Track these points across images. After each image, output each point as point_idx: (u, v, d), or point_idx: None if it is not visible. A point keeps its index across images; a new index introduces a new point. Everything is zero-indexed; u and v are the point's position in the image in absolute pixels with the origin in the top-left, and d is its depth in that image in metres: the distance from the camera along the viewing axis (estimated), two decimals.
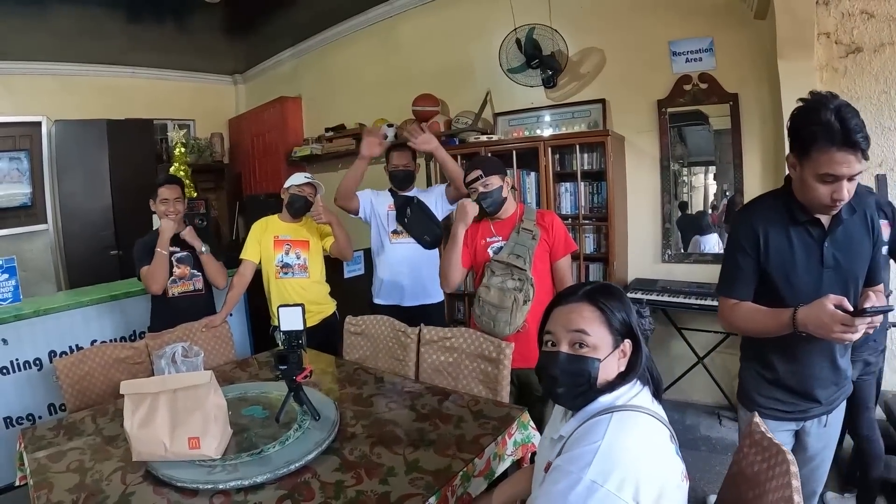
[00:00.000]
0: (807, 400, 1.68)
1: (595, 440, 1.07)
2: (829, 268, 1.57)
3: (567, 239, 2.44)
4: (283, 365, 1.86)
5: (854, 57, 2.97)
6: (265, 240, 3.04)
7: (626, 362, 1.22)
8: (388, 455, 1.67)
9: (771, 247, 1.60)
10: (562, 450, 1.15)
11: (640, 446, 1.07)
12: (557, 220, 2.45)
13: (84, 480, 1.59)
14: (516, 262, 2.30)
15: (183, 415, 1.65)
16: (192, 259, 3.04)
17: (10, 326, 2.99)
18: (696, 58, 3.51)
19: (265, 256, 3.03)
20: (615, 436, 1.07)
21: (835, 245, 1.56)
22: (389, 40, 5.24)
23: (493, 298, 2.34)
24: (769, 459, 1.23)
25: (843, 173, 1.41)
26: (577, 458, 1.07)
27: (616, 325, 1.20)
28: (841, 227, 1.56)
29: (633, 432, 1.09)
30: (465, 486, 1.59)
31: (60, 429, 1.98)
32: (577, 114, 3.99)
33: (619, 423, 1.10)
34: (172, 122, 6.53)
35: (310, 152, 5.74)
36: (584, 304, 1.22)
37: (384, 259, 3.19)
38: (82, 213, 5.71)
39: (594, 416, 1.14)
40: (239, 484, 1.50)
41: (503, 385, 2.22)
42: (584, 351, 1.19)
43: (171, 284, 2.99)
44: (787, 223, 1.59)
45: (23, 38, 4.96)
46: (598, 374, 1.18)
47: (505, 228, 2.44)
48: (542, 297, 2.36)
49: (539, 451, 1.40)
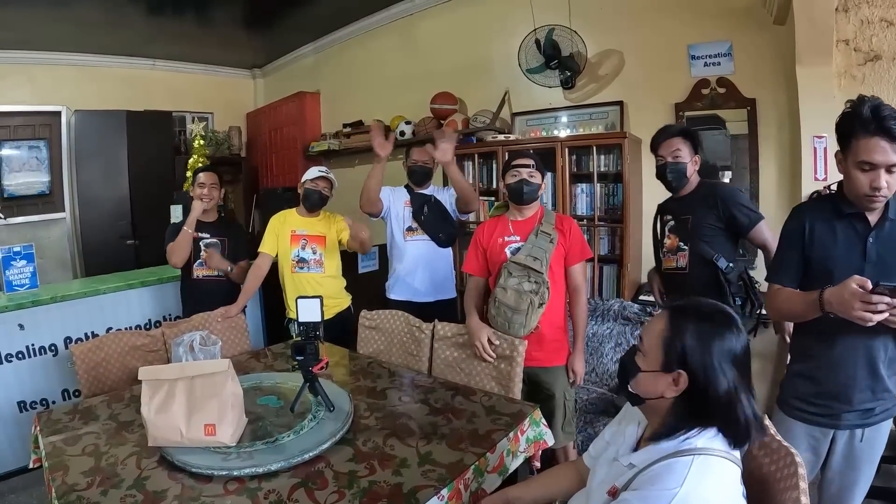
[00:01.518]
0: (838, 401, 1.68)
1: (673, 486, 1.02)
2: (871, 263, 1.60)
3: (583, 246, 2.43)
4: (299, 355, 1.88)
5: (873, 65, 2.94)
6: (282, 234, 3.06)
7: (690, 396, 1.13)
8: (401, 447, 1.68)
9: (816, 238, 1.70)
10: (632, 480, 1.12)
11: (717, 497, 1.04)
12: (576, 225, 2.46)
13: (99, 464, 1.61)
14: (533, 264, 2.29)
15: (200, 402, 1.66)
16: (220, 247, 3.17)
17: (28, 312, 3.06)
18: (715, 62, 3.49)
19: (282, 250, 3.05)
20: (694, 485, 1.02)
21: (880, 242, 1.60)
22: (409, 37, 5.25)
23: (509, 300, 2.32)
24: (777, 462, 1.22)
25: (879, 161, 1.49)
26: (652, 499, 1.04)
27: (672, 350, 1.13)
28: (890, 225, 1.60)
29: (713, 483, 1.04)
30: (478, 480, 1.60)
31: (76, 413, 2.00)
32: (594, 115, 3.98)
33: (700, 471, 1.04)
34: (191, 114, 6.61)
35: (327, 147, 5.78)
36: (665, 314, 1.19)
37: (398, 255, 3.21)
38: (100, 202, 5.81)
39: (673, 456, 1.09)
40: (253, 471, 1.51)
41: (516, 382, 2.24)
42: (636, 353, 1.20)
43: (198, 267, 3.15)
44: (833, 217, 1.68)
45: (45, 27, 5.02)
46: (635, 380, 1.18)
47: (523, 229, 2.43)
48: (557, 300, 2.38)
49: (596, 466, 1.35)
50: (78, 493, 1.45)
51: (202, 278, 3.16)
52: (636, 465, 1.15)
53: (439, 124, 4.72)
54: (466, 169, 4.25)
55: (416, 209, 3.14)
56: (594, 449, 1.45)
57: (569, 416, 2.41)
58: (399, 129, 4.96)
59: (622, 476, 1.17)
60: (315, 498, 1.42)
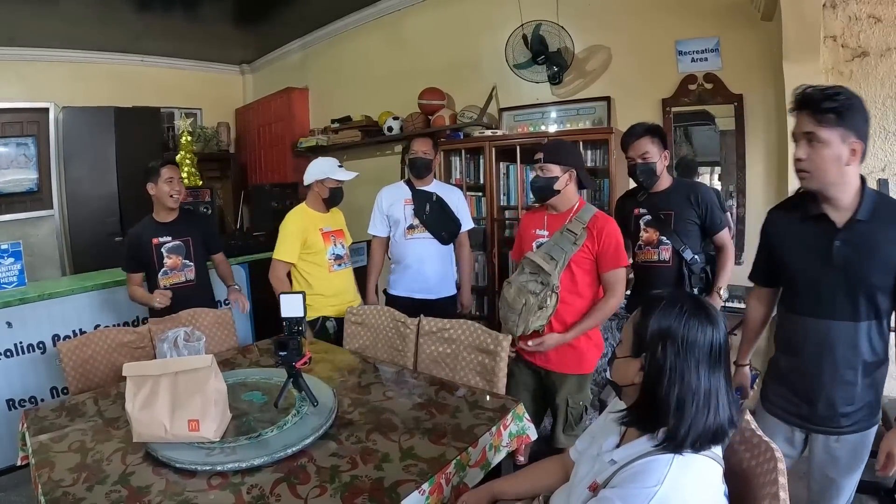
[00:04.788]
0: (808, 404, 1.67)
1: (652, 484, 1.02)
2: (836, 267, 1.56)
3: (617, 251, 2.21)
4: (282, 351, 1.88)
5: (860, 61, 2.96)
6: (312, 234, 2.93)
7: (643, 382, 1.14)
8: (384, 442, 1.69)
9: (783, 242, 1.73)
10: (612, 477, 1.12)
11: (698, 497, 1.04)
12: (610, 228, 2.22)
13: (85, 460, 1.61)
14: (546, 265, 2.19)
15: (183, 397, 1.67)
16: (184, 249, 2.98)
17: (15, 310, 3.04)
18: (702, 58, 3.50)
19: (315, 251, 2.93)
20: (674, 484, 1.02)
21: (848, 245, 1.55)
22: (397, 34, 5.25)
23: (508, 296, 2.26)
24: (758, 457, 1.23)
25: (797, 131, 1.53)
26: (631, 498, 1.04)
27: (641, 334, 1.14)
28: (861, 228, 1.53)
29: (693, 482, 1.05)
30: (460, 475, 1.61)
31: (63, 410, 2.00)
32: (581, 111, 3.99)
33: (680, 469, 1.04)
34: (180, 110, 6.55)
35: (315, 143, 5.75)
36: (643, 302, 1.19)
37: (400, 252, 3.20)
38: (88, 199, 5.75)
39: (654, 453, 1.09)
40: (236, 466, 1.52)
41: (500, 377, 2.23)
42: (617, 342, 1.21)
43: (163, 276, 2.94)
44: (800, 219, 1.66)
45: (34, 24, 4.98)
46: (613, 364, 1.21)
47: (555, 224, 2.31)
48: (578, 305, 2.26)
49: (581, 460, 1.35)
50: (64, 490, 1.45)
51: (169, 287, 2.91)
52: (617, 461, 1.15)
53: (427, 119, 4.72)
54: (454, 164, 4.25)
55: (418, 207, 3.12)
56: (581, 443, 1.44)
57: (570, 422, 2.32)
58: (387, 125, 4.97)
59: (604, 472, 1.17)
60: (297, 493, 1.42)
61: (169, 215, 2.97)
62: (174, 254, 2.96)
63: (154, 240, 2.92)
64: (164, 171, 2.88)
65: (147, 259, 2.92)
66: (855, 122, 1.47)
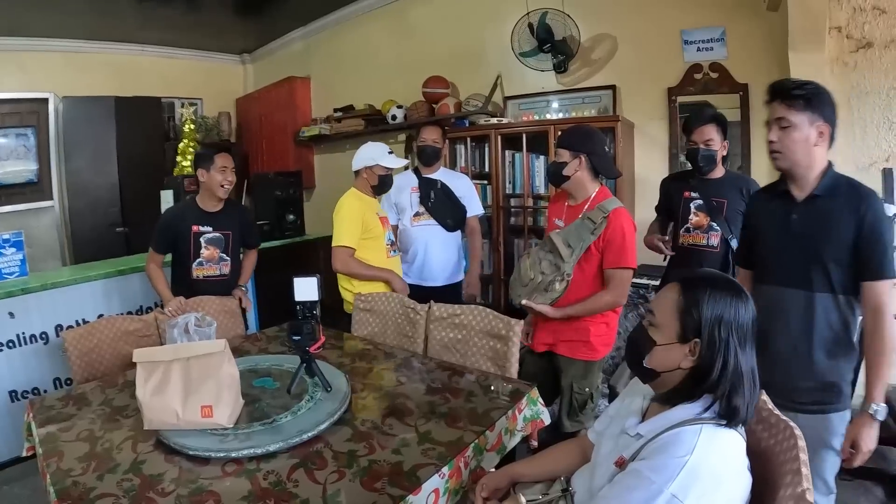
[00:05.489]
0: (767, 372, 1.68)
1: (683, 454, 1.04)
2: (792, 237, 1.71)
3: (622, 250, 2.14)
4: (296, 335, 1.86)
5: (864, 52, 2.97)
6: (372, 220, 2.83)
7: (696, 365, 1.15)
8: (400, 426, 1.68)
9: (756, 218, 1.91)
10: (640, 451, 1.14)
11: (726, 466, 1.06)
12: (622, 224, 2.15)
13: (94, 449, 1.58)
14: (563, 250, 2.17)
15: (196, 383, 1.65)
16: (223, 242, 2.90)
17: (18, 300, 3.00)
18: (708, 47, 3.50)
19: (374, 235, 2.83)
20: (704, 452, 1.04)
21: (805, 217, 1.70)
22: (401, 22, 5.23)
23: (523, 267, 2.32)
24: (776, 435, 1.24)
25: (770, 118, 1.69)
26: (661, 468, 1.05)
27: (689, 320, 1.15)
28: (818, 203, 1.68)
29: (721, 451, 1.07)
30: (477, 458, 1.60)
31: (69, 399, 1.96)
32: (587, 99, 3.98)
33: (709, 439, 1.07)
34: (180, 100, 6.53)
35: (318, 132, 5.76)
36: (675, 286, 1.20)
37: (406, 240, 3.21)
38: (89, 189, 5.75)
39: (681, 425, 1.11)
40: (252, 452, 1.50)
41: (512, 362, 2.23)
42: (649, 328, 1.21)
43: (197, 266, 2.87)
44: (772, 196, 1.83)
45: (33, 14, 4.95)
46: (651, 354, 1.20)
47: (573, 214, 2.27)
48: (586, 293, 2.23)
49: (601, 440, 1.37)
50: (73, 479, 1.42)
51: (203, 279, 2.87)
52: (644, 434, 1.17)
53: (431, 108, 4.72)
54: (459, 152, 4.25)
55: (424, 195, 3.13)
56: (599, 424, 1.47)
57: (574, 408, 2.33)
58: (391, 114, 4.96)
59: (630, 447, 1.19)
60: (315, 478, 1.41)
61: (215, 205, 2.91)
62: (213, 245, 2.89)
63: (195, 227, 2.84)
64: (218, 160, 2.82)
65: (183, 246, 2.85)
66: (822, 107, 1.62)
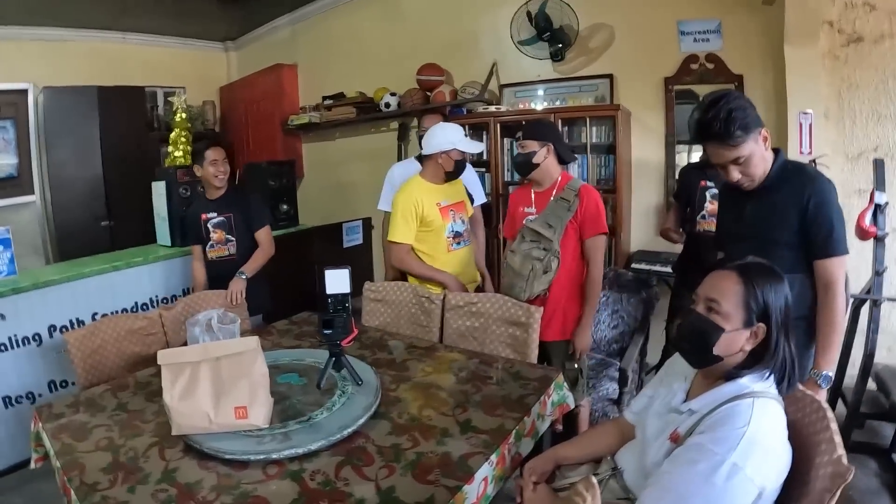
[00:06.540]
0: None
1: (741, 425, 1.12)
2: (745, 224, 1.85)
3: (597, 219, 2.39)
4: (328, 329, 1.81)
5: (855, 46, 3.07)
6: (429, 211, 2.66)
7: (759, 346, 1.25)
8: (439, 417, 1.68)
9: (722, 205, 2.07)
10: (696, 425, 1.21)
11: (777, 435, 1.16)
12: (594, 197, 2.41)
13: (118, 458, 1.49)
14: (546, 231, 2.34)
15: (227, 384, 1.58)
16: (227, 224, 3.16)
17: (8, 300, 2.87)
18: (704, 38, 3.59)
19: (432, 228, 2.69)
20: (759, 423, 1.13)
21: (757, 206, 1.82)
22: (393, 8, 5.18)
23: (515, 264, 2.41)
24: (804, 409, 1.32)
25: (720, 162, 1.76)
26: (723, 440, 1.12)
27: (753, 306, 1.23)
28: (768, 192, 1.78)
29: (772, 421, 1.16)
30: (517, 444, 1.63)
31: (78, 405, 1.85)
32: (583, 88, 4.03)
33: (762, 410, 1.16)
34: (162, 88, 6.38)
35: (308, 120, 5.67)
36: (732, 275, 1.26)
37: None
38: (72, 183, 5.55)
39: (733, 399, 1.20)
40: (293, 453, 1.46)
41: (532, 349, 2.28)
42: (713, 316, 1.26)
43: (210, 249, 3.18)
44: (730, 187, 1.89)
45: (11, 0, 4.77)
46: (718, 341, 1.24)
47: (542, 201, 2.47)
48: (574, 269, 2.43)
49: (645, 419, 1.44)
50: (102, 493, 1.33)
51: (215, 259, 3.19)
52: (696, 410, 1.26)
53: (426, 96, 4.70)
54: None
55: None
56: (636, 405, 1.56)
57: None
58: (384, 101, 4.92)
59: (684, 422, 1.26)
60: (364, 475, 1.38)
61: (216, 193, 3.17)
62: (219, 228, 3.15)
63: (203, 215, 3.14)
64: (209, 154, 3.06)
65: (198, 233, 3.17)
66: (754, 121, 1.69)
